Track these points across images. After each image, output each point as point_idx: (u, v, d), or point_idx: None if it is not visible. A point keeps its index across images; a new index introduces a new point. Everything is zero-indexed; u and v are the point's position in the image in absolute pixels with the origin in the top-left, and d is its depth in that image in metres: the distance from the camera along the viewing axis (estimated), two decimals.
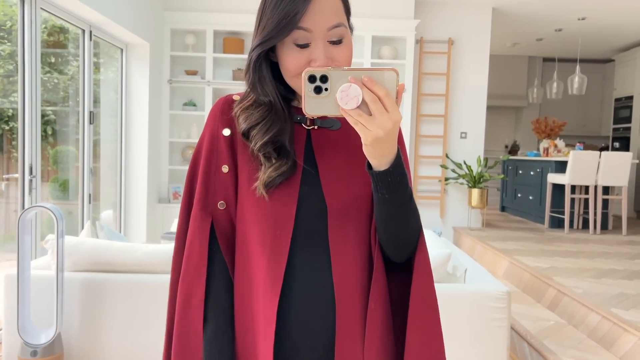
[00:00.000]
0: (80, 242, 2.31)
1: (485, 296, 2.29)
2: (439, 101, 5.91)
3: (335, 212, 0.87)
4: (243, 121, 0.89)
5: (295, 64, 0.83)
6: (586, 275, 3.87)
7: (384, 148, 0.75)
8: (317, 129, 0.92)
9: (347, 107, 0.72)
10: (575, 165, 5.72)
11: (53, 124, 3.87)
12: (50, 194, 3.94)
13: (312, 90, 0.74)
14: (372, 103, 0.71)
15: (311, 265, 0.87)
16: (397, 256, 0.89)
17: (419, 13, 5.77)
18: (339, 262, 0.87)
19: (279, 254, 0.86)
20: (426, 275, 0.88)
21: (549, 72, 8.73)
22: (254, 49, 0.86)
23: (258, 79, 0.88)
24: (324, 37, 0.83)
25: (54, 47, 3.92)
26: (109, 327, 2.29)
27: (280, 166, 0.86)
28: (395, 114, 0.72)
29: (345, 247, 0.88)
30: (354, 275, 0.88)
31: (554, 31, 7.07)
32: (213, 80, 5.38)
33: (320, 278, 0.87)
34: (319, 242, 0.88)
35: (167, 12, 5.29)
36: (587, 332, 3.04)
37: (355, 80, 0.72)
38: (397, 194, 0.81)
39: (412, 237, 0.88)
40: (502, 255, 4.60)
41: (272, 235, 0.87)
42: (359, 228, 0.89)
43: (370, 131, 0.72)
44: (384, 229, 0.86)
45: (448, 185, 6.00)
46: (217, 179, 0.91)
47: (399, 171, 0.79)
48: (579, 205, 6.18)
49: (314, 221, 0.88)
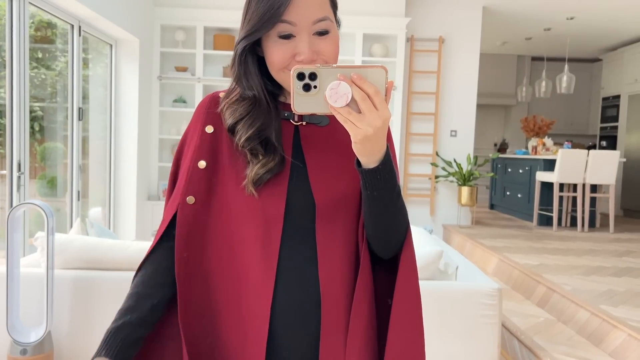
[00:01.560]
0: (70, 240, 2.29)
1: (476, 293, 2.30)
2: (430, 99, 5.94)
3: (323, 209, 0.87)
4: (229, 116, 0.89)
5: (280, 57, 0.83)
6: (575, 273, 3.91)
7: (374, 146, 0.75)
8: (305, 125, 0.91)
9: (337, 105, 0.72)
10: (563, 163, 5.77)
11: (40, 120, 3.82)
12: (38, 190, 3.90)
13: (300, 87, 0.74)
14: (361, 101, 0.71)
15: (298, 262, 0.87)
16: (384, 253, 0.89)
17: (410, 11, 5.78)
18: (326, 259, 0.87)
19: (269, 251, 0.86)
20: (411, 272, 0.88)
21: (538, 71, 8.80)
22: (239, 42, 0.86)
23: (243, 72, 0.88)
24: (308, 31, 0.82)
25: (41, 43, 3.87)
26: (99, 325, 2.27)
27: (267, 162, 0.86)
28: (385, 112, 0.72)
29: (333, 244, 0.88)
30: (340, 272, 0.88)
31: (543, 30, 7.13)
32: (203, 77, 5.35)
33: (307, 274, 0.87)
34: (306, 239, 0.88)
35: (157, 8, 5.25)
36: (577, 328, 3.07)
37: (345, 77, 0.72)
38: (385, 192, 0.81)
39: (400, 234, 0.88)
40: (491, 253, 4.63)
41: (262, 233, 0.86)
42: (347, 225, 0.89)
43: (360, 129, 0.72)
44: (372, 225, 0.85)
45: (438, 183, 6.02)
46: (191, 175, 0.90)
47: (387, 169, 0.79)
48: (567, 203, 6.24)
49: (302, 218, 0.88)
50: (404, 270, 0.87)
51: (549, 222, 6.20)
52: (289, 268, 0.86)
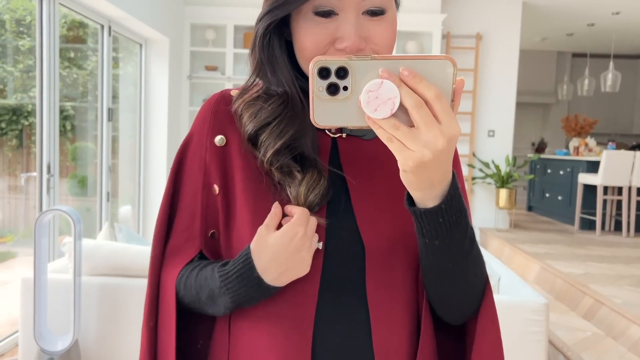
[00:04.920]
0: (98, 246, 2.23)
1: (521, 308, 2.16)
2: (467, 98, 5.72)
3: (375, 254, 0.64)
4: (249, 120, 0.65)
5: (314, 40, 0.60)
6: (624, 283, 3.67)
7: (433, 175, 0.52)
8: (345, 137, 0.68)
9: (377, 116, 0.50)
10: (608, 165, 5.49)
11: (72, 120, 3.81)
12: (69, 190, 3.89)
13: (324, 89, 0.51)
14: (415, 109, 0.49)
15: (342, 327, 0.64)
16: (452, 318, 0.67)
17: (446, 7, 5.58)
18: (381, 324, 0.64)
19: (302, 313, 0.63)
20: (495, 347, 0.64)
21: (578, 68, 8.45)
22: (261, 19, 0.63)
23: (267, 60, 0.65)
24: (357, 7, 0.59)
25: (73, 42, 3.85)
26: (127, 334, 2.21)
27: (312, 182, 0.63)
28: (451, 126, 0.50)
29: (389, 302, 0.65)
30: (400, 343, 0.65)
31: (586, 26, 6.82)
32: (233, 76, 5.28)
33: (355, 345, 0.64)
34: (351, 296, 0.64)
35: (187, 6, 5.20)
36: (629, 345, 2.86)
37: (390, 74, 0.50)
38: (451, 240, 0.57)
39: (474, 295, 0.64)
40: (532, 260, 4.41)
41: (292, 288, 0.63)
42: (406, 276, 0.66)
43: (412, 151, 0.50)
44: (432, 285, 0.63)
45: (475, 185, 5.81)
46: (207, 202, 0.69)
47: (454, 208, 0.55)
48: (611, 207, 5.95)
49: (345, 267, 0.64)
50: (485, 345, 0.64)
51: (591, 226, 5.92)
52: (328, 336, 0.64)
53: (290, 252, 0.60)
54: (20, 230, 3.58)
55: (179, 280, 0.68)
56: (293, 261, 0.60)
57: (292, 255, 0.60)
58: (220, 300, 0.64)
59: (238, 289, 0.62)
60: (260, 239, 0.61)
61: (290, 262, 0.60)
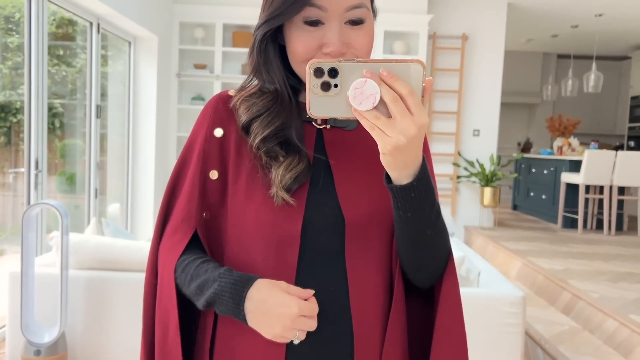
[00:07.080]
0: (85, 240, 2.26)
1: (499, 301, 2.23)
2: (452, 97, 5.81)
3: (354, 226, 0.74)
4: (244, 112, 0.77)
5: (304, 46, 0.71)
6: (602, 279, 3.77)
7: (406, 157, 0.63)
8: (329, 128, 0.79)
9: (362, 108, 0.61)
10: (590, 164, 5.60)
11: (61, 117, 3.83)
12: (57, 187, 3.91)
13: (318, 86, 0.62)
14: (392, 103, 0.60)
15: (323, 293, 0.73)
16: (421, 282, 0.77)
17: (433, 8, 5.66)
18: (358, 290, 0.75)
19: (283, 279, 0.72)
20: (455, 307, 0.75)
21: (563, 69, 8.57)
22: (259, 28, 0.74)
23: (263, 61, 0.77)
24: (340, 18, 0.71)
25: (62, 40, 3.87)
26: (113, 326, 2.24)
27: (292, 164, 0.73)
28: (421, 117, 0.61)
29: (366, 270, 0.75)
30: (375, 303, 0.76)
31: (570, 27, 6.93)
32: (222, 74, 5.31)
33: (335, 308, 0.74)
34: (332, 265, 0.74)
35: (176, 4, 5.23)
36: (604, 338, 2.95)
37: (372, 74, 0.61)
38: (421, 212, 0.68)
39: (439, 261, 0.75)
40: (514, 257, 4.50)
41: (273, 256, 0.74)
42: (382, 247, 0.76)
43: (390, 137, 0.61)
44: (405, 251, 0.73)
45: (460, 183, 5.90)
46: (204, 187, 0.79)
47: (424, 185, 0.66)
48: (593, 206, 6.07)
49: (327, 238, 0.74)
50: (447, 304, 0.75)
51: (573, 224, 6.03)
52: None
53: (273, 312, 0.68)
54: (8, 228, 3.59)
55: (180, 262, 0.77)
56: (268, 320, 0.68)
57: (272, 316, 0.68)
58: (205, 294, 0.72)
59: (225, 290, 0.71)
60: (272, 285, 0.69)
61: (266, 317, 0.68)
